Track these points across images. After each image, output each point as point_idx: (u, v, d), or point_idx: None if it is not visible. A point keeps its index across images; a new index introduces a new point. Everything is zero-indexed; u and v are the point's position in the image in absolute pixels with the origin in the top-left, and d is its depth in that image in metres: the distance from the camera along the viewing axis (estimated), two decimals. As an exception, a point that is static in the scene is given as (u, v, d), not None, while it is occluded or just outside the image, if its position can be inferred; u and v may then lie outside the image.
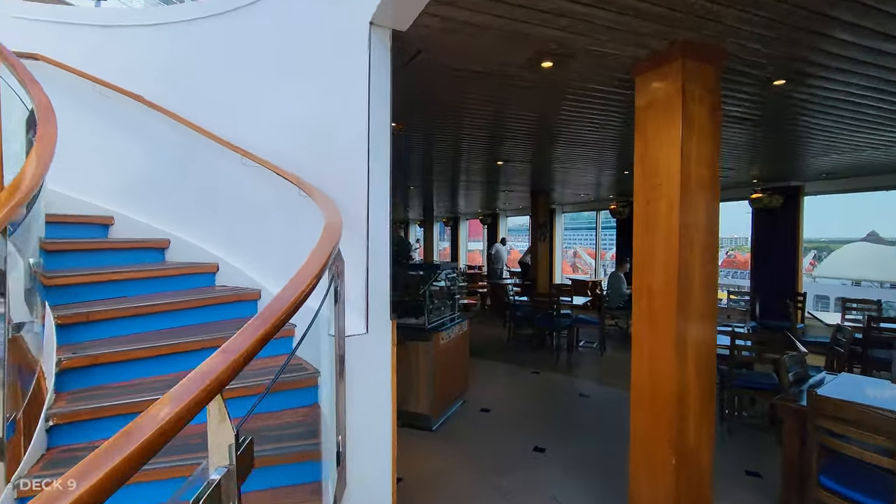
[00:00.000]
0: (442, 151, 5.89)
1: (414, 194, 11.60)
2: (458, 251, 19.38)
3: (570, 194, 10.73)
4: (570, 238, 33.31)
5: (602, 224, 12.86)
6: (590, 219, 27.98)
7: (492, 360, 7.19)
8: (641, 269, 2.41)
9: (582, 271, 25.20)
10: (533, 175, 7.79)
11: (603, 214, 12.58)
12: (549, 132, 5.03)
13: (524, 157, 6.23)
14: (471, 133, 5.04)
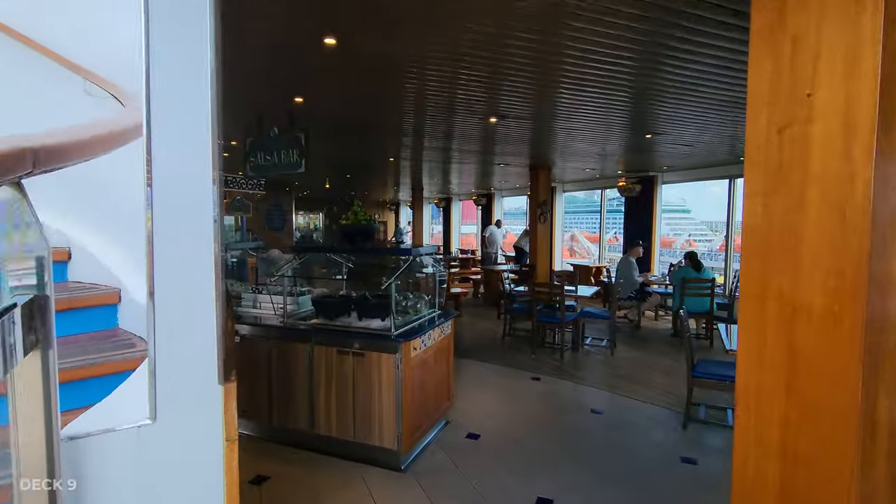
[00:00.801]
0: (434, 100, 4.69)
1: (403, 171, 10.38)
2: (450, 235, 18.21)
3: (572, 170, 9.55)
4: (566, 222, 32.17)
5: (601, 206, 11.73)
6: (587, 202, 26.70)
7: (484, 361, 6.09)
8: (757, 257, 1.25)
9: (580, 256, 24.13)
10: (532, 142, 6.58)
11: (598, 198, 11.43)
12: (552, 75, 3.83)
13: (523, 111, 5.03)
14: (468, 68, 3.83)
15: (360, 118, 4.68)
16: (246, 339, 3.81)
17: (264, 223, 15.85)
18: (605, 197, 11.45)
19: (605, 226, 11.45)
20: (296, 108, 4.18)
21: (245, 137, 4.38)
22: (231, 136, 5.35)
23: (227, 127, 4.10)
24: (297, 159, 4.08)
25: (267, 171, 4.27)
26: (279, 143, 4.20)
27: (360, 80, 3.72)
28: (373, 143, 6.53)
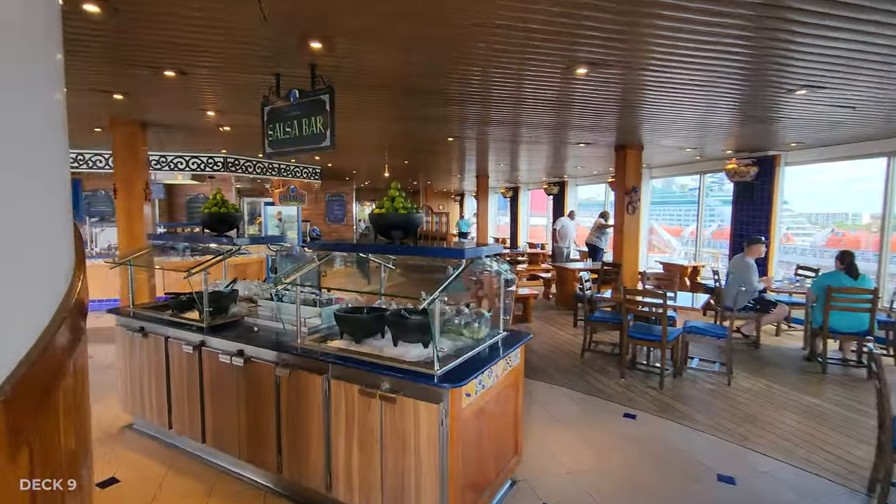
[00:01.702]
0: (504, 42, 3.55)
1: (467, 155, 9.30)
2: (518, 227, 16.92)
3: (663, 151, 7.94)
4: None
5: (683, 197, 9.89)
6: (663, 190, 23.99)
7: (559, 385, 4.90)
8: None
9: (658, 251, 21.77)
10: (621, 110, 5.21)
11: (675, 186, 9.61)
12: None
13: (611, 54, 3.71)
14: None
15: (407, 75, 3.63)
16: (253, 361, 2.93)
17: (325, 214, 15.48)
18: (701, 183, 9.64)
19: (703, 216, 9.66)
20: (320, 60, 3.22)
21: (263, 105, 3.52)
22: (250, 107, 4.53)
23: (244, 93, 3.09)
24: (321, 130, 3.14)
25: (286, 146, 3.38)
26: (300, 109, 3.29)
27: (404, 18, 2.67)
28: (428, 116, 5.48)
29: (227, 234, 3.92)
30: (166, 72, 3.41)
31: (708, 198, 31.23)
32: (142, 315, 3.67)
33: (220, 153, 8.52)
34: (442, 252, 2.52)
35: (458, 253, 2.45)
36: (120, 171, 5.35)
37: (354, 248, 2.86)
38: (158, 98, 4.40)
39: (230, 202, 3.95)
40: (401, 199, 2.97)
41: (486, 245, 2.75)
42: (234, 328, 3.32)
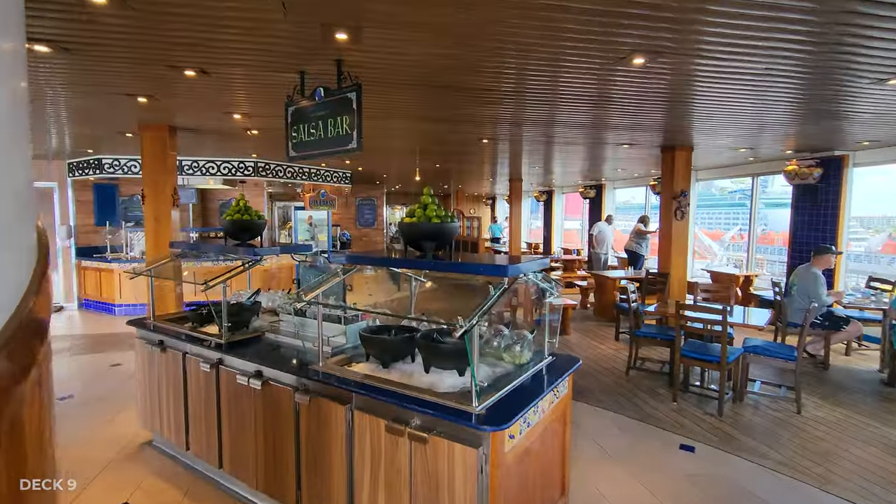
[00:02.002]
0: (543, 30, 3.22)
1: (500, 157, 8.96)
2: (551, 231, 16.40)
3: (714, 152, 7.36)
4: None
5: (723, 200, 9.20)
6: (702, 195, 22.84)
7: (604, 407, 4.48)
8: None
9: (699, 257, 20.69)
10: (671, 111, 4.75)
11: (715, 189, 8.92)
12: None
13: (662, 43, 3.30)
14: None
15: (438, 69, 3.32)
16: (271, 384, 2.67)
17: (355, 218, 15.39)
18: (754, 186, 8.95)
19: (755, 222, 8.97)
20: (347, 55, 2.95)
21: (287, 105, 3.29)
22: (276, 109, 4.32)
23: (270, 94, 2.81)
24: (347, 131, 2.88)
25: (311, 148, 3.13)
26: (325, 109, 3.03)
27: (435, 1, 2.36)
28: (460, 117, 5.16)
29: (250, 243, 3.71)
30: (187, 71, 3.23)
31: (749, 200, 29.67)
32: (161, 328, 3.49)
33: (251, 157, 8.46)
34: (480, 269, 2.19)
35: (499, 270, 2.11)
36: (148, 175, 5.27)
37: (382, 261, 2.57)
38: (183, 101, 4.26)
39: (254, 209, 3.74)
40: (434, 206, 2.67)
41: (528, 258, 2.40)
42: (255, 345, 3.09)
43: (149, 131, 5.22)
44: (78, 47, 2.87)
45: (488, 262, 2.20)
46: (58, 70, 3.35)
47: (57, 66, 3.26)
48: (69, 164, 8.61)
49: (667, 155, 6.71)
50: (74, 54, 2.98)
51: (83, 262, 8.64)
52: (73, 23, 2.56)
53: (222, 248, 3.35)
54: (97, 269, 8.45)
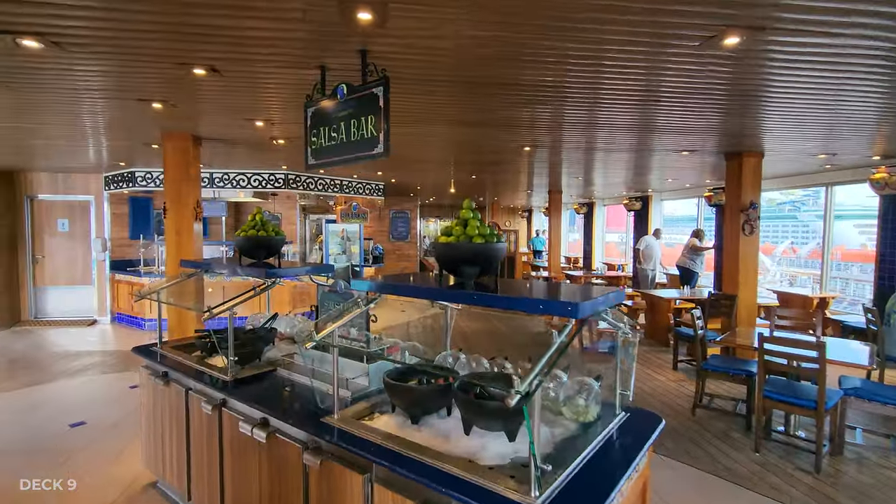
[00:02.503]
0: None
1: (538, 167, 8.40)
2: (592, 245, 15.60)
3: (785, 158, 6.53)
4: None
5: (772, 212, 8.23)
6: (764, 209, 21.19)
7: (671, 456, 3.81)
8: None
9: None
10: (741, 110, 4.10)
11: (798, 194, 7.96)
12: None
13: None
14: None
15: (477, 59, 2.81)
16: (277, 437, 2.20)
17: (388, 231, 15.08)
18: (827, 197, 8.00)
19: (830, 238, 8.00)
20: (372, 44, 2.51)
21: (306, 106, 2.88)
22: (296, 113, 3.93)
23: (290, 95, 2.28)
24: (372, 133, 2.43)
25: (332, 154, 2.70)
26: (348, 108, 2.60)
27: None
28: (501, 120, 4.66)
29: (266, 262, 3.31)
30: (195, 69, 2.88)
31: (800, 212, 27.61)
32: (168, 358, 3.11)
33: (281, 169, 8.23)
34: (541, 306, 1.66)
35: (567, 309, 1.57)
36: (170, 186, 5.02)
37: (411, 291, 2.07)
38: (199, 106, 3.95)
39: (271, 224, 3.34)
40: (476, 222, 2.16)
41: (602, 291, 1.85)
42: (264, 382, 2.65)
43: (171, 141, 4.97)
44: (70, 41, 2.55)
45: (551, 298, 1.66)
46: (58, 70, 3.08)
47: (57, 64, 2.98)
48: (105, 177, 8.63)
49: (732, 162, 5.98)
50: (66, 50, 2.66)
51: (116, 275, 8.59)
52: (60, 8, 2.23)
53: (234, 268, 2.95)
54: (129, 283, 8.37)
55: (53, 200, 8.63)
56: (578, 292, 1.86)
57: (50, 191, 8.57)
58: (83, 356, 6.60)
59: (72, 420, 4.39)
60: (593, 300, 1.66)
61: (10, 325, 8.31)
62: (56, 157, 7.16)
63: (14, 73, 3.14)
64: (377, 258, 11.86)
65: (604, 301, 1.75)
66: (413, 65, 2.91)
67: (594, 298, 1.68)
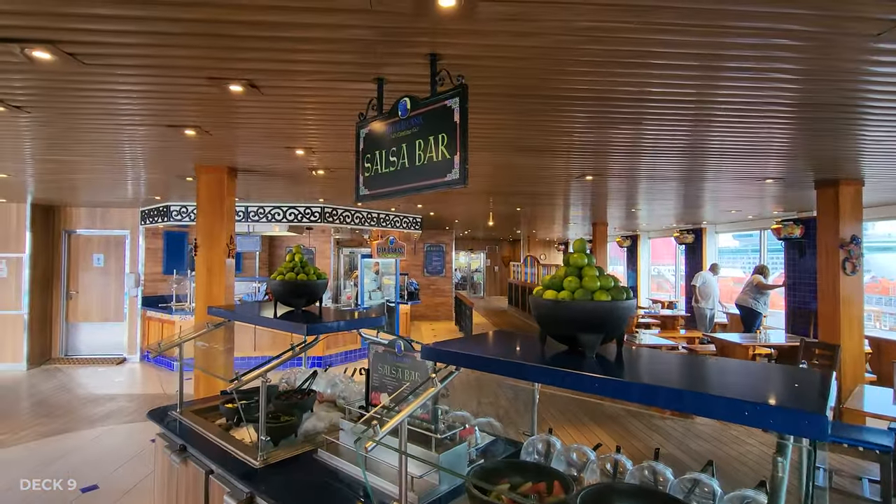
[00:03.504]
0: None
1: (581, 195, 7.80)
2: (638, 281, 14.70)
3: (886, 187, 5.75)
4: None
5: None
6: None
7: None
8: None
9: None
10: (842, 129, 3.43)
11: None
12: None
13: None
14: None
15: (573, 65, 2.30)
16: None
17: (423, 266, 14.61)
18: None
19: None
20: (446, 46, 2.02)
21: (358, 127, 2.42)
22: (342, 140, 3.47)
23: (337, 116, 1.96)
24: (445, 156, 1.92)
25: (391, 184, 2.20)
26: (412, 127, 2.12)
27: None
28: (564, 143, 4.12)
29: (306, 310, 2.80)
30: (232, 86, 2.47)
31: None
32: (187, 428, 2.59)
33: (318, 202, 7.90)
34: (745, 413, 1.04)
35: (804, 425, 0.95)
36: (203, 221, 4.67)
37: (509, 370, 1.49)
38: (235, 132, 3.58)
39: (312, 266, 2.85)
40: (593, 271, 1.59)
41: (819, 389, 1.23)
42: (301, 469, 2.08)
43: (205, 173, 4.65)
44: (86, 51, 2.17)
45: (760, 400, 1.04)
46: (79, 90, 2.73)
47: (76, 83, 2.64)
48: (142, 211, 8.50)
49: (826, 191, 5.24)
50: (83, 63, 2.29)
51: (148, 311, 8.32)
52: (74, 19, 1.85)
53: (269, 321, 2.44)
54: (160, 320, 8.07)
55: (90, 235, 8.53)
56: (808, 384, 1.22)
57: (87, 225, 8.48)
58: (106, 401, 6.21)
59: (84, 483, 3.91)
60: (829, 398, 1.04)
61: (41, 363, 8.08)
62: (94, 192, 7.03)
63: (32, 93, 2.82)
64: (412, 294, 11.34)
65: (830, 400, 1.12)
66: (487, 74, 2.43)
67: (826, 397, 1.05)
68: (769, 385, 1.27)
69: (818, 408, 0.95)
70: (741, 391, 1.15)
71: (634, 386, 1.21)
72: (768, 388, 1.25)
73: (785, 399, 1.03)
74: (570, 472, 1.88)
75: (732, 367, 1.54)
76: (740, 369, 1.45)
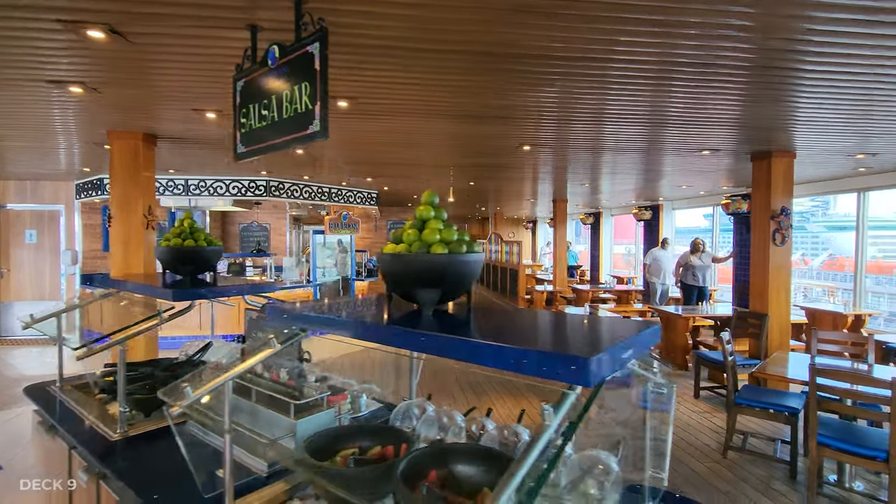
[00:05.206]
0: None
1: (542, 171, 7.75)
2: (599, 258, 14.88)
3: (814, 160, 5.85)
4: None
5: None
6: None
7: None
8: None
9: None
10: (775, 95, 3.42)
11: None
12: None
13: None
14: None
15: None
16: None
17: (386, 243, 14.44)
18: (860, 203, 7.25)
19: (863, 247, 7.23)
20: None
21: (235, 80, 2.26)
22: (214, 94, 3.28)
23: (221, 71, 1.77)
24: (308, 106, 1.80)
25: (262, 140, 2.07)
26: (280, 76, 1.98)
27: None
28: (497, 108, 4.00)
29: (201, 280, 2.66)
30: (90, 31, 2.25)
31: (809, 223, 26.50)
32: (60, 400, 2.45)
33: (262, 175, 7.62)
34: (526, 362, 0.98)
35: (572, 369, 0.88)
36: (118, 192, 4.41)
37: (335, 326, 1.41)
38: (128, 92, 3.32)
39: (204, 231, 2.69)
40: (437, 223, 1.50)
41: (625, 326, 1.18)
42: (164, 441, 1.98)
43: (118, 139, 4.37)
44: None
45: (550, 350, 0.97)
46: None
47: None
48: (77, 185, 8.07)
49: (760, 163, 5.29)
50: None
51: (86, 290, 7.97)
52: None
53: (135, 286, 2.30)
54: (99, 299, 7.75)
55: (21, 210, 8.07)
56: (590, 335, 1.17)
57: (17, 199, 8.01)
58: (34, 382, 5.94)
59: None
60: (614, 346, 0.98)
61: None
62: (16, 163, 6.61)
63: None
64: (371, 271, 11.18)
65: (631, 346, 1.06)
66: (379, 24, 2.28)
67: (615, 344, 0.99)
68: (578, 343, 1.21)
69: (580, 360, 0.88)
70: (538, 347, 1.08)
71: (436, 339, 1.13)
72: (574, 346, 1.18)
73: (561, 353, 0.97)
74: (439, 435, 1.83)
75: (573, 322, 1.48)
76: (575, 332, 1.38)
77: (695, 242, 8.49)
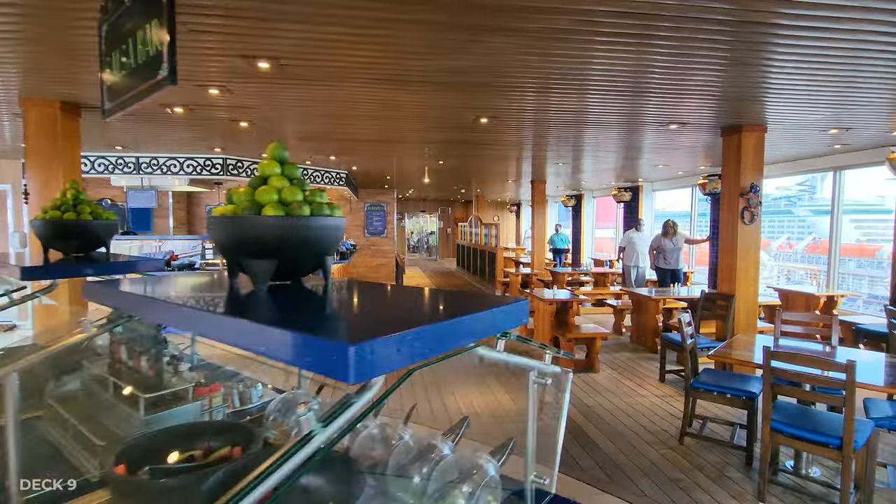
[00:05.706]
0: None
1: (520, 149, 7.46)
2: (581, 241, 14.70)
3: (787, 136, 5.63)
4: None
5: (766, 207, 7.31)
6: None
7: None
8: None
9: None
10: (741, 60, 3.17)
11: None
12: None
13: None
14: None
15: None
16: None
17: (363, 226, 14.13)
18: (835, 183, 7.07)
19: (838, 229, 7.07)
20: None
21: (100, 23, 1.95)
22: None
23: None
24: (157, 49, 1.51)
25: (124, 91, 1.78)
26: (133, 16, 1.68)
27: None
28: (441, 68, 3.70)
29: (84, 256, 2.37)
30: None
31: (796, 207, 26.58)
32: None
33: (217, 153, 7.25)
34: (262, 349, 0.73)
35: (332, 360, 0.64)
36: (34, 166, 4.05)
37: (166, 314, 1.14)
38: (28, 47, 2.96)
39: (92, 203, 2.40)
40: (281, 181, 1.24)
41: (457, 310, 0.93)
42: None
43: (32, 108, 4.01)
44: None
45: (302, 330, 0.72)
46: None
47: None
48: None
49: (731, 138, 5.05)
50: None
51: (38, 274, 7.62)
52: None
53: (15, 269, 2.00)
54: (50, 283, 7.40)
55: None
56: (412, 313, 0.92)
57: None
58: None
59: None
60: (416, 330, 0.72)
61: (-83, 332, 7.35)
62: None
63: None
64: (344, 254, 10.89)
65: (461, 327, 0.81)
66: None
67: (424, 326, 0.74)
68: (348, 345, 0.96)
69: (350, 340, 0.63)
70: (284, 322, 0.83)
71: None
72: (337, 320, 0.93)
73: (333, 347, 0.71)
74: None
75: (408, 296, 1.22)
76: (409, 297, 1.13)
77: (666, 224, 8.24)
